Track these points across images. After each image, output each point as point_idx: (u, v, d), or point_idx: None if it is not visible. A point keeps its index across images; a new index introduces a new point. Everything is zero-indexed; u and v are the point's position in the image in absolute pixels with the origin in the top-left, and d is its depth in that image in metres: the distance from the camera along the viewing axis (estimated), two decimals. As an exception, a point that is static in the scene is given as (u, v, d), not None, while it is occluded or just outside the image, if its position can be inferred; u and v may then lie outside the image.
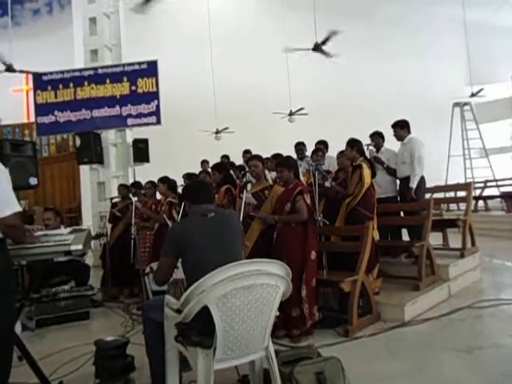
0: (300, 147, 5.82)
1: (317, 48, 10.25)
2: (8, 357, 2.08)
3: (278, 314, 2.11)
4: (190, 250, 2.18)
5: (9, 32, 9.91)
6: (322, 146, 5.39)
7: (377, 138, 5.20)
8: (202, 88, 12.56)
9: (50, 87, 8.29)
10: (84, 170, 9.75)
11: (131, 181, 7.49)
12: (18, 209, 2.07)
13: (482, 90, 12.77)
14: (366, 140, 4.89)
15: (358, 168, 4.11)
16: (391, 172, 5.01)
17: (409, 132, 4.92)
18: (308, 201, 3.53)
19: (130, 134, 8.62)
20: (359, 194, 4.03)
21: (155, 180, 5.45)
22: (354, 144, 4.27)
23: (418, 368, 2.75)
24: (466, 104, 14.64)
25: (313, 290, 3.44)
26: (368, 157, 4.48)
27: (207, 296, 1.84)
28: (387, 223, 4.76)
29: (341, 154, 4.51)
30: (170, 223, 4.15)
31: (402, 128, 4.92)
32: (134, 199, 5.12)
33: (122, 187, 6.06)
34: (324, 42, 9.98)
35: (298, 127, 11.98)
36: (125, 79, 8.14)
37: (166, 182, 5.20)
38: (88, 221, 9.14)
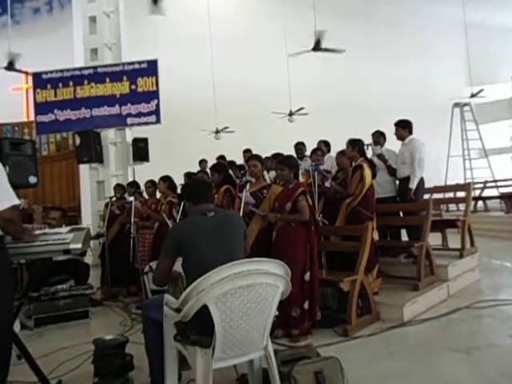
0: (299, 147, 5.82)
1: (317, 48, 10.23)
2: (6, 355, 2.07)
3: (277, 313, 2.11)
4: (190, 249, 2.18)
5: (8, 31, 9.89)
6: (321, 144, 5.40)
7: (378, 136, 5.20)
8: (201, 87, 12.55)
9: (49, 86, 8.28)
10: (84, 168, 9.76)
11: (131, 180, 7.49)
12: (16, 202, 2.04)
13: (481, 90, 12.78)
14: (366, 139, 4.89)
15: (358, 168, 4.11)
16: (392, 172, 5.01)
17: (410, 133, 4.91)
18: (310, 201, 3.53)
19: (130, 133, 8.62)
20: (360, 194, 4.03)
21: (155, 179, 5.45)
22: (355, 144, 4.28)
23: (416, 368, 2.75)
24: (465, 104, 14.67)
25: (317, 288, 3.45)
26: (368, 157, 4.48)
27: (206, 295, 1.84)
28: (387, 223, 4.77)
29: (340, 153, 4.50)
30: (169, 223, 4.16)
31: (403, 128, 4.91)
32: (131, 199, 5.12)
33: (119, 187, 6.06)
34: (318, 44, 9.96)
35: (297, 127, 11.98)
36: (125, 78, 8.14)
37: (167, 180, 5.19)
38: (87, 220, 9.15)
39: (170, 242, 2.26)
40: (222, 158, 7.44)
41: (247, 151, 6.66)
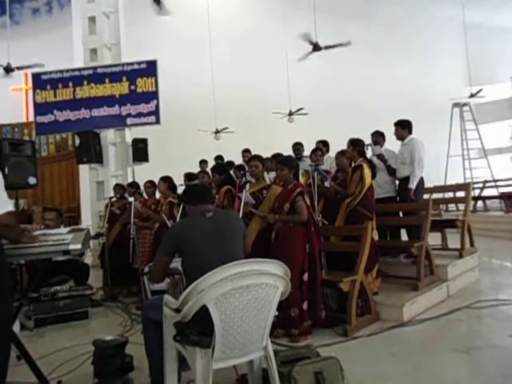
0: (297, 147, 5.81)
1: (317, 48, 10.26)
2: (5, 356, 2.07)
3: (277, 313, 2.11)
4: (189, 249, 2.19)
5: (7, 31, 9.89)
6: (320, 144, 5.40)
7: (377, 136, 5.19)
8: (201, 87, 12.56)
9: (49, 86, 8.28)
10: (83, 169, 9.76)
11: (130, 180, 7.49)
12: (11, 208, 2.05)
13: (481, 90, 12.80)
14: (365, 140, 4.89)
15: (358, 168, 4.11)
16: (391, 172, 5.01)
17: (410, 132, 4.90)
18: (308, 201, 3.53)
19: (130, 134, 8.62)
20: (360, 194, 4.03)
21: (155, 179, 5.45)
22: (355, 144, 4.27)
23: (416, 368, 2.75)
24: (465, 104, 14.68)
25: (319, 288, 3.45)
26: (368, 157, 4.47)
27: (206, 295, 1.84)
28: (386, 223, 4.77)
29: (339, 153, 4.50)
30: (169, 223, 4.15)
31: (403, 128, 4.91)
32: (131, 199, 5.11)
33: (119, 187, 6.06)
34: (316, 46, 9.99)
35: (297, 127, 11.99)
36: (124, 79, 8.14)
37: (168, 181, 5.20)
38: (87, 220, 9.15)
39: (168, 241, 2.27)
40: (219, 158, 7.45)
41: (246, 151, 6.67)
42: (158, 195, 5.48)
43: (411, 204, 4.73)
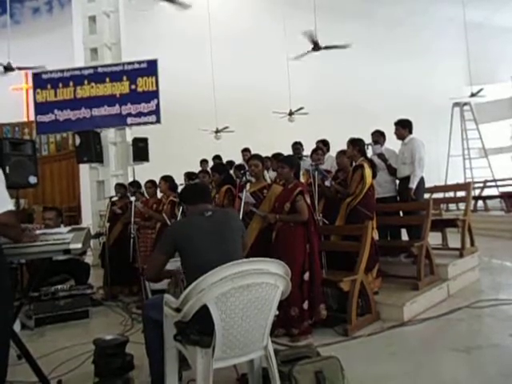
0: (297, 146, 5.82)
1: (317, 48, 10.25)
2: (4, 355, 2.07)
3: (277, 313, 2.11)
4: (188, 249, 2.19)
5: (8, 30, 9.88)
6: (320, 144, 5.40)
7: (378, 136, 5.19)
8: (202, 87, 12.56)
9: (49, 86, 8.28)
10: (84, 168, 9.77)
11: (131, 180, 7.49)
12: (11, 207, 2.05)
13: (481, 90, 12.79)
14: (366, 139, 4.89)
15: (359, 168, 4.11)
16: (392, 171, 5.01)
17: (410, 132, 4.90)
18: (308, 201, 3.53)
19: (130, 133, 8.62)
20: (360, 193, 4.03)
21: (155, 179, 5.45)
22: (355, 143, 4.27)
23: (416, 368, 2.75)
24: (465, 104, 14.65)
25: (318, 287, 3.45)
26: (369, 156, 4.47)
27: (206, 295, 1.84)
28: (387, 223, 4.77)
29: (340, 153, 4.50)
30: (170, 223, 4.15)
31: (403, 127, 4.91)
32: (132, 198, 5.13)
33: (119, 186, 6.06)
34: (317, 44, 9.98)
35: (297, 127, 12.00)
36: (124, 78, 8.13)
37: (169, 180, 5.21)
38: (88, 220, 9.15)
39: (167, 240, 2.27)
40: (217, 157, 7.46)
41: (246, 150, 6.67)
42: (159, 194, 5.48)
43: (412, 204, 4.73)
